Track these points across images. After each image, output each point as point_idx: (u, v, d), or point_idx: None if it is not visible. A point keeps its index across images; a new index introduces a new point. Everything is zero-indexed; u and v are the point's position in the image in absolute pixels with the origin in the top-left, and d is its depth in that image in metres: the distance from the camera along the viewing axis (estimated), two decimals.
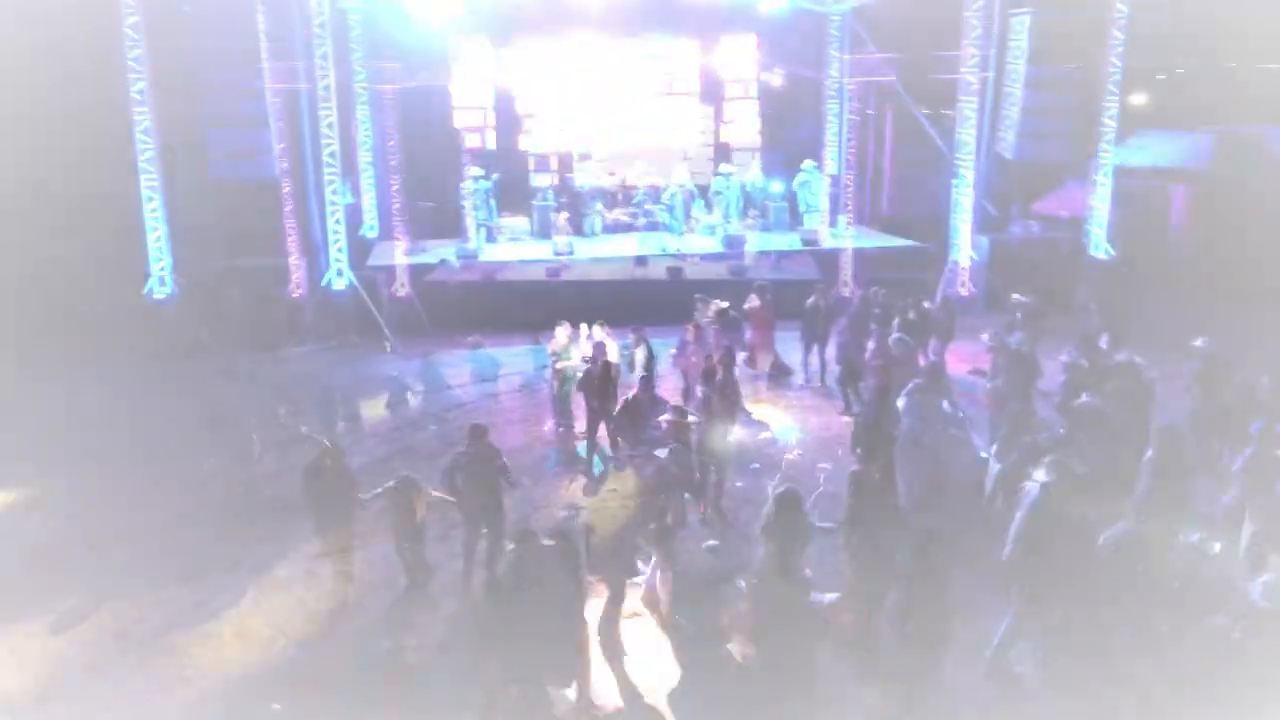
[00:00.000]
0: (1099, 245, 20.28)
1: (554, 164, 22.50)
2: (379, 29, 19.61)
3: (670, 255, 19.42)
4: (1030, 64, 19.17)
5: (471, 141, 22.94)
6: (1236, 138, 23.05)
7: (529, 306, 18.28)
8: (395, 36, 19.51)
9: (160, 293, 17.55)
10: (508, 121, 23.05)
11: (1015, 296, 15.59)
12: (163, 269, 17.53)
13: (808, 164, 21.18)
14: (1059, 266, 20.09)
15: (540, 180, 22.10)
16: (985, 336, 13.16)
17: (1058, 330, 14.94)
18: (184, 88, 17.04)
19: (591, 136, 23.42)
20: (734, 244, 19.57)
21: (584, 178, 21.40)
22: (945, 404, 10.92)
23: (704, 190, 21.01)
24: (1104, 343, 13.75)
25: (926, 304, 15.46)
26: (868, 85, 22.58)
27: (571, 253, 19.17)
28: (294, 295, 17.91)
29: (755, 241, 20.00)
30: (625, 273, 19.66)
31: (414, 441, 13.37)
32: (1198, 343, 12.54)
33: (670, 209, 19.38)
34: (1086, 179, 20.28)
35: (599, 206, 21.33)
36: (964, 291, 19.65)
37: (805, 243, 19.95)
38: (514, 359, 17.11)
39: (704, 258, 19.50)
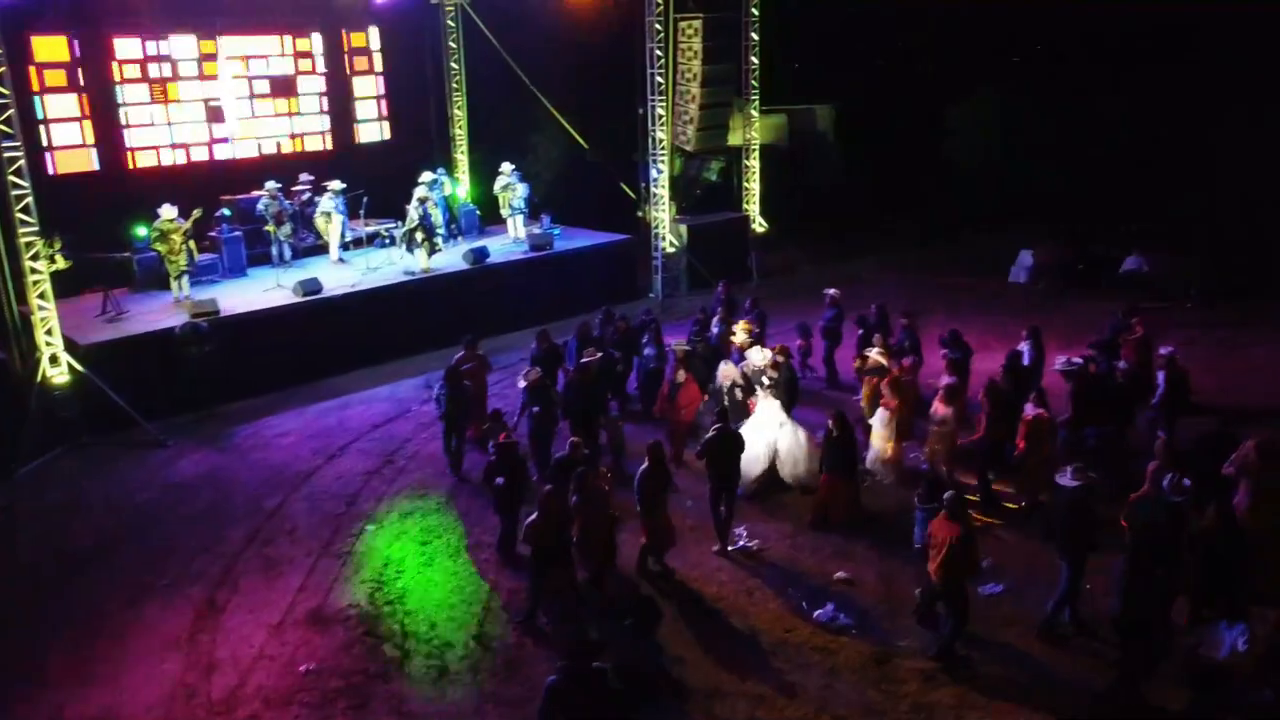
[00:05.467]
0: (757, 221, 23.29)
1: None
2: None
3: (418, 278, 17.93)
4: (704, 63, 20.98)
5: (68, 166, 18.51)
6: (799, 114, 27.70)
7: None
8: None
9: None
10: (112, 139, 18.87)
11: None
12: None
13: (506, 167, 20.73)
14: (736, 243, 22.65)
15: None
16: None
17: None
18: None
19: (227, 148, 20.33)
20: (478, 257, 18.70)
21: (266, 199, 18.46)
22: None
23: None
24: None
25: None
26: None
27: (319, 289, 16.74)
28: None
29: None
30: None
31: None
32: (830, 291, 15.64)
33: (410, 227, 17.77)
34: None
35: (285, 231, 18.68)
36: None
37: (534, 247, 19.74)
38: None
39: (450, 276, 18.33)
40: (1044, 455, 11.03)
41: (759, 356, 12.67)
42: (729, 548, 10.81)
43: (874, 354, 12.96)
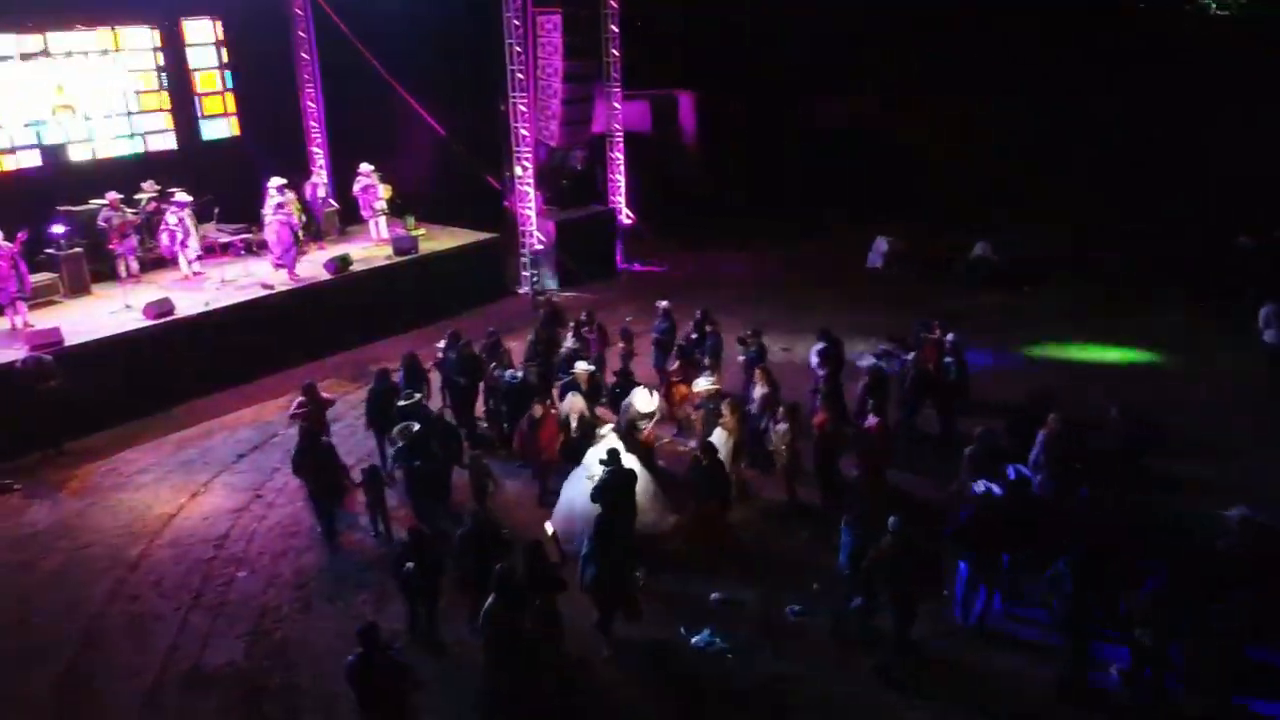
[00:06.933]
0: (624, 213, 23.38)
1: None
2: None
3: (277, 291, 17.35)
4: (565, 58, 20.78)
5: None
6: (661, 100, 27.79)
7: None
8: None
9: None
10: None
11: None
12: None
13: (365, 167, 20.16)
14: (604, 238, 22.70)
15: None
16: None
17: None
18: None
19: (60, 154, 19.03)
20: (342, 264, 18.20)
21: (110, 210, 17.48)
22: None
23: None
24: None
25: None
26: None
27: (172, 309, 16.01)
28: None
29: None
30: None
31: None
32: (662, 303, 15.69)
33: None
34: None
35: (131, 245, 17.75)
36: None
37: (398, 251, 19.31)
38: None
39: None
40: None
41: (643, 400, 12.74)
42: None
43: (705, 382, 13.06)
